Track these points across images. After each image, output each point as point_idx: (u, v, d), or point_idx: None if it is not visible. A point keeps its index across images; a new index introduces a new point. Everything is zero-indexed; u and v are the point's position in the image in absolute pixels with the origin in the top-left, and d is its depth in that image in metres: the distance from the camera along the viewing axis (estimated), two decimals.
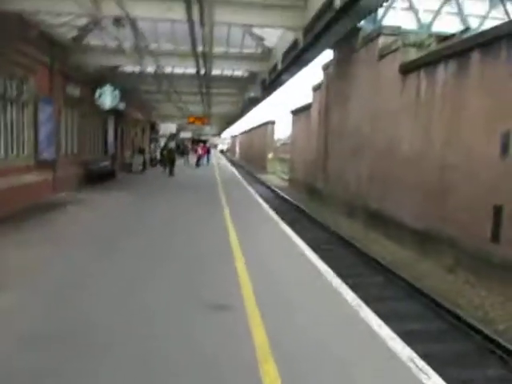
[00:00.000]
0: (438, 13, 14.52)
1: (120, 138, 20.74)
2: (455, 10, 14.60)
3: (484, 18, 14.58)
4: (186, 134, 45.76)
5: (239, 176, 22.50)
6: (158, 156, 26.04)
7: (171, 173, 20.23)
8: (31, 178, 10.65)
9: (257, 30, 12.91)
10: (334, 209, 15.22)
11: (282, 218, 9.76)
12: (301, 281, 5.20)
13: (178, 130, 41.34)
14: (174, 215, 9.48)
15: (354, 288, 5.32)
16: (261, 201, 12.38)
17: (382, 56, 11.87)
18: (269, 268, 5.59)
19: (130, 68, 16.89)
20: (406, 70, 10.39)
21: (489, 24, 13.14)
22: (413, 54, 10.56)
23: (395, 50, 11.11)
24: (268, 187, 24.48)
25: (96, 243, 6.61)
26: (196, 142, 52.41)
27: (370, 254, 9.31)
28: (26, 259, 5.56)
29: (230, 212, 9.79)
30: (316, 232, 12.01)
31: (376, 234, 11.40)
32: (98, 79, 15.27)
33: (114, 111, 17.24)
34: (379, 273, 8.29)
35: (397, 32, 11.71)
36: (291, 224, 10.72)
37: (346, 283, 5.25)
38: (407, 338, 3.97)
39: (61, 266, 5.35)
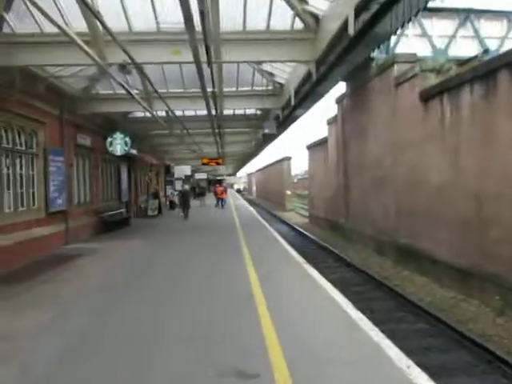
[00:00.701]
0: (453, 37, 14.34)
1: (134, 183, 20.81)
2: (470, 33, 14.40)
3: (503, 38, 14.31)
4: (201, 175, 46.12)
5: (257, 215, 22.12)
6: (176, 199, 26.04)
7: (186, 216, 20.12)
8: (42, 231, 10.50)
9: (266, 67, 12.89)
10: (360, 246, 14.59)
11: (306, 258, 9.33)
12: (333, 335, 4.60)
13: (193, 172, 41.66)
14: (189, 262, 9.03)
15: (394, 339, 4.74)
16: (282, 241, 11.97)
17: (398, 84, 11.61)
18: (296, 320, 5.02)
19: (140, 113, 17.07)
20: (428, 96, 10.03)
21: (509, 45, 12.87)
22: (432, 80, 10.26)
23: (413, 77, 10.84)
24: (288, 225, 24.00)
25: (102, 305, 6.05)
26: (213, 182, 52.82)
27: (406, 295, 8.59)
28: (16, 328, 5.07)
29: (250, 255, 9.39)
30: (344, 272, 11.38)
31: (409, 271, 10.69)
32: (108, 127, 15.42)
33: (126, 157, 17.32)
34: (420, 317, 7.56)
35: (412, 59, 11.52)
36: (316, 264, 10.31)
37: (385, 333, 4.68)
38: None
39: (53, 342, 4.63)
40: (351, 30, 6.95)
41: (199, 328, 4.85)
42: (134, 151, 17.70)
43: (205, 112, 14.08)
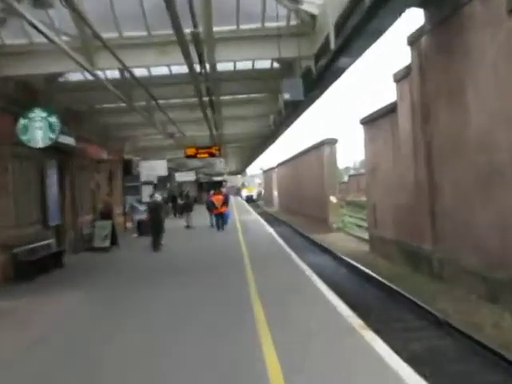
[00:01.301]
0: None
1: (70, 194, 20.90)
2: None
3: None
4: (185, 176, 46.20)
5: (280, 241, 22.10)
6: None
7: (155, 246, 20.59)
8: None
9: None
10: (459, 287, 14.34)
11: (365, 318, 9.34)
12: None
13: (172, 171, 41.71)
14: (154, 345, 8.47)
15: None
16: (324, 289, 11.92)
17: None
18: None
19: (78, 76, 16.96)
20: None
21: None
22: None
23: None
24: (334, 256, 23.94)
25: None
26: (208, 186, 52.77)
27: None
28: None
29: (267, 324, 9.03)
30: (432, 338, 11.13)
31: None
32: (24, 100, 15.41)
33: (56, 150, 17.20)
34: None
35: None
36: (383, 327, 10.30)
37: None
38: None
39: None
40: None
41: None
42: (68, 139, 17.63)
43: (185, 69, 13.85)
